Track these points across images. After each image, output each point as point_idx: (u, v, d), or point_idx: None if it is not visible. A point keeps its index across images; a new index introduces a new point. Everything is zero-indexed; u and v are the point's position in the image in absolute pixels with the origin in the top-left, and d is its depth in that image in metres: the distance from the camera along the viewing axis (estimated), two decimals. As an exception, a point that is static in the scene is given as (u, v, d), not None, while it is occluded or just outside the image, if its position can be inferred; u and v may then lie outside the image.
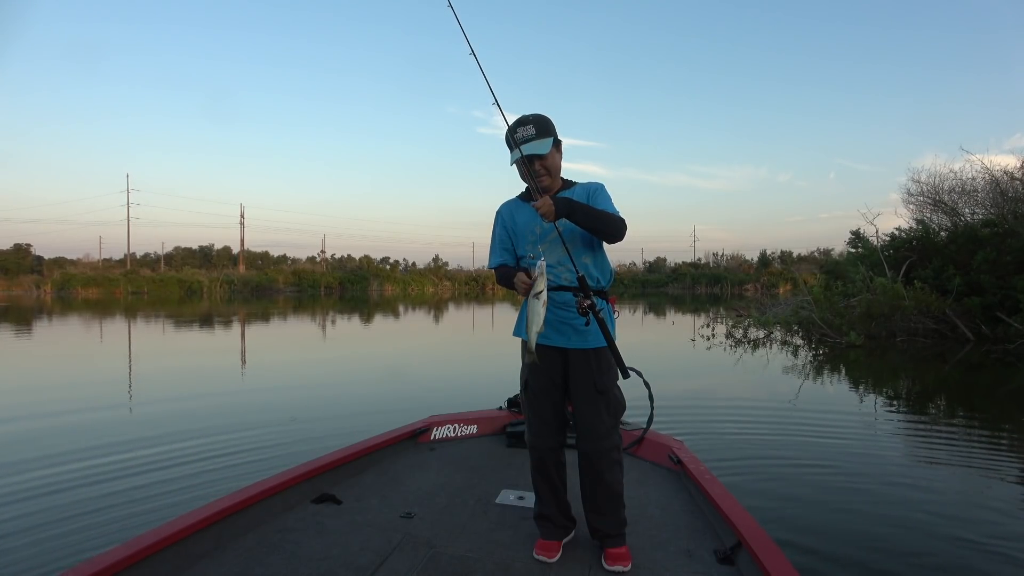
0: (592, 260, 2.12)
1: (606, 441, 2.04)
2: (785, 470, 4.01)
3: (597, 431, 2.04)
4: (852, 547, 2.85)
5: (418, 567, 2.01)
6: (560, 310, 2.08)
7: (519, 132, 2.06)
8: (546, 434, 2.10)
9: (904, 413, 6.20)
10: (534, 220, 2.13)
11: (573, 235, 2.09)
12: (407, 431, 3.38)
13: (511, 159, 2.11)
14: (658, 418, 3.38)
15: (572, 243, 2.08)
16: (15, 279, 43.89)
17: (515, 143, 2.06)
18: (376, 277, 52.96)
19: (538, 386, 2.10)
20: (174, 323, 17.56)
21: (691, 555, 2.14)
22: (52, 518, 3.03)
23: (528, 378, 2.12)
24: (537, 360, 2.00)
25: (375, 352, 11.76)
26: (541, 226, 2.11)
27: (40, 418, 5.27)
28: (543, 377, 2.09)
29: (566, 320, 2.07)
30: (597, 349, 2.06)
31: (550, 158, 2.09)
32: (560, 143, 2.14)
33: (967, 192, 16.35)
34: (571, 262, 2.03)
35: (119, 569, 1.70)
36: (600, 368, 2.06)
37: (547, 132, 2.07)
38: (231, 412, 5.58)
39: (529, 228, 2.15)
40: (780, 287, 45.80)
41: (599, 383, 2.05)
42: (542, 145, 2.05)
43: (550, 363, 2.08)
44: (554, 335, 2.07)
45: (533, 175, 2.08)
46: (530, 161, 2.07)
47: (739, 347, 11.73)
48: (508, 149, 2.12)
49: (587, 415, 2.04)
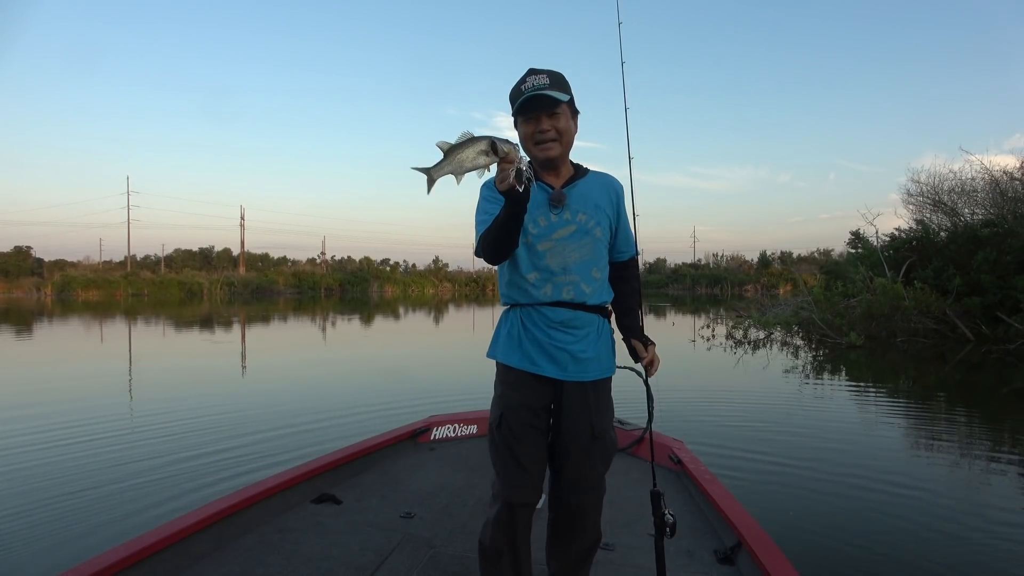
0: (603, 273, 1.72)
1: (595, 492, 1.70)
2: (785, 470, 4.01)
3: (588, 481, 1.67)
4: (852, 547, 2.85)
5: (418, 567, 2.01)
6: (557, 332, 1.63)
7: (529, 81, 1.60)
8: (525, 486, 1.63)
9: (904, 414, 6.19)
10: (540, 205, 1.64)
11: (593, 240, 1.67)
12: (407, 431, 3.39)
13: (512, 112, 1.65)
14: (658, 418, 3.38)
15: (590, 248, 1.66)
16: (15, 281, 43.89)
17: (523, 93, 1.60)
18: (376, 278, 53.00)
19: (519, 422, 1.62)
20: (174, 325, 17.56)
21: (691, 555, 2.13)
22: (52, 518, 3.03)
23: (504, 412, 1.63)
24: (433, 176, 1.47)
25: (375, 353, 11.76)
26: (548, 217, 1.64)
27: (40, 419, 5.27)
28: (525, 412, 1.63)
29: (563, 345, 1.62)
30: (596, 382, 1.67)
31: (563, 118, 1.62)
32: (578, 111, 1.71)
33: (967, 192, 16.37)
34: (581, 272, 1.65)
35: (119, 569, 1.70)
36: (599, 407, 1.67)
37: (564, 89, 1.62)
38: (231, 412, 5.58)
39: (532, 211, 1.60)
40: (780, 288, 45.79)
41: (597, 426, 1.65)
42: (558, 93, 1.59)
43: (536, 395, 1.64)
44: (545, 363, 1.62)
45: (538, 139, 1.62)
46: (535, 117, 1.61)
47: (739, 348, 11.73)
48: (511, 109, 1.66)
49: (578, 464, 1.65)
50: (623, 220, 1.76)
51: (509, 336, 1.68)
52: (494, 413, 1.68)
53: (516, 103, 1.61)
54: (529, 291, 1.64)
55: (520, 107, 1.60)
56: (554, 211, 1.64)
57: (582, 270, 1.65)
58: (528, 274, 1.64)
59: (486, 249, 1.58)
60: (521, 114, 1.63)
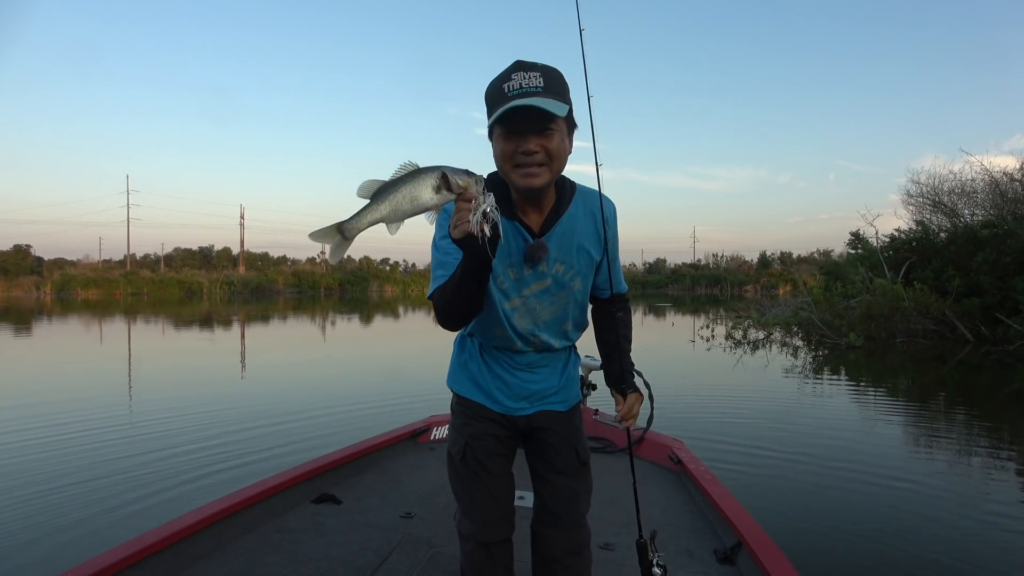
0: (577, 323, 1.49)
1: (583, 530, 1.50)
2: (785, 470, 4.01)
3: (572, 516, 1.47)
4: (852, 547, 2.86)
5: (418, 567, 2.01)
6: (524, 373, 1.44)
7: (515, 79, 1.19)
8: (497, 521, 1.45)
9: (904, 414, 6.20)
10: (511, 251, 1.32)
11: (570, 294, 1.41)
12: (407, 431, 3.39)
13: (489, 122, 1.23)
14: (658, 418, 3.39)
15: (563, 304, 1.42)
16: (15, 280, 43.93)
17: (506, 96, 1.19)
18: (376, 278, 53.06)
19: (485, 452, 1.43)
20: (174, 324, 17.55)
21: (691, 555, 2.14)
22: (52, 518, 3.03)
23: (468, 442, 1.43)
24: (348, 232, 1.11)
25: (375, 353, 11.76)
26: (521, 270, 1.34)
27: (40, 418, 5.26)
28: (491, 441, 1.44)
29: (529, 383, 1.44)
30: (572, 408, 1.52)
31: (557, 137, 1.22)
32: (575, 125, 1.32)
33: (966, 193, 16.38)
34: (550, 331, 1.43)
35: (119, 569, 1.70)
36: (581, 431, 1.51)
37: (562, 94, 1.23)
38: (231, 412, 5.57)
39: (502, 260, 1.31)
40: (780, 288, 45.79)
41: (583, 451, 1.48)
42: (554, 104, 1.18)
43: (502, 425, 1.45)
44: (512, 401, 1.44)
45: (520, 161, 1.22)
46: (521, 132, 1.20)
47: (739, 348, 11.73)
48: (487, 112, 1.26)
49: (564, 495, 1.46)
50: (612, 253, 1.46)
51: (467, 370, 1.47)
52: (456, 443, 1.46)
53: (497, 110, 1.19)
54: (491, 340, 1.43)
55: (502, 117, 1.19)
56: (529, 265, 1.33)
57: (550, 328, 1.43)
58: (489, 329, 1.40)
59: (442, 312, 1.27)
60: (501, 125, 1.22)
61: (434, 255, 1.32)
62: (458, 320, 1.28)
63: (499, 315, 1.35)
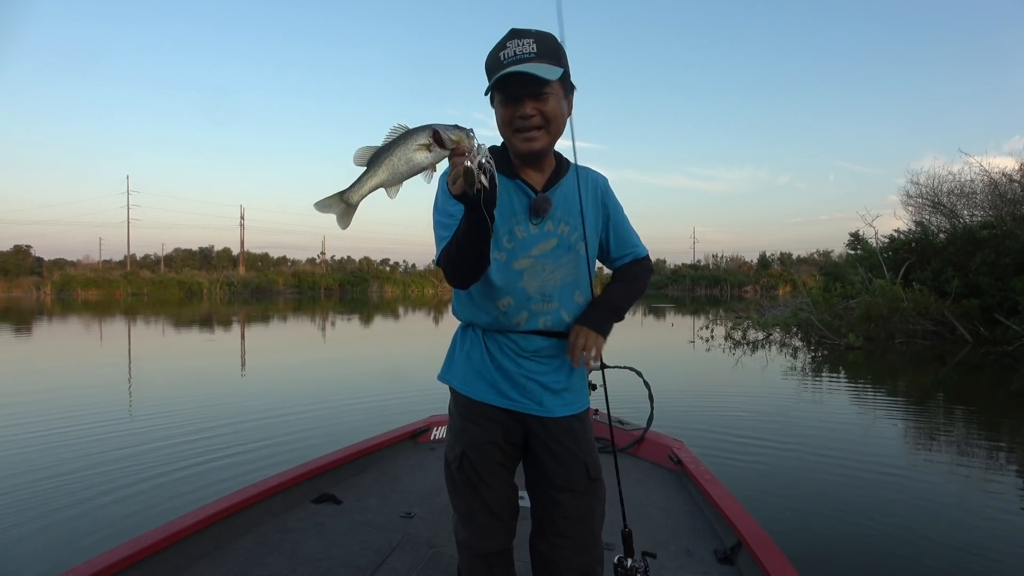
0: (586, 297, 1.42)
1: (597, 550, 1.44)
2: (785, 470, 4.01)
3: (584, 538, 1.40)
4: (852, 547, 2.86)
5: (418, 567, 2.01)
6: (529, 362, 1.37)
7: (510, 47, 1.23)
8: (496, 531, 1.40)
9: (903, 415, 6.20)
10: (516, 211, 1.34)
11: (576, 257, 1.38)
12: (407, 431, 3.39)
13: (486, 90, 1.30)
14: (658, 418, 3.39)
15: (572, 267, 1.39)
16: (15, 280, 43.90)
17: (501, 64, 1.24)
18: (376, 279, 53.07)
19: (484, 462, 1.37)
20: (174, 325, 17.55)
21: (691, 555, 2.14)
22: (52, 518, 3.03)
23: (466, 450, 1.37)
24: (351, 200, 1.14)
25: (375, 353, 11.75)
26: (527, 227, 1.34)
27: (40, 418, 5.26)
28: (491, 449, 1.37)
29: (535, 376, 1.37)
30: (580, 414, 1.42)
31: (553, 99, 1.27)
32: (573, 87, 1.35)
33: (966, 194, 16.40)
34: (562, 298, 1.38)
35: (119, 569, 1.70)
36: (590, 443, 1.43)
37: (556, 58, 1.26)
38: (231, 412, 5.57)
39: (507, 220, 1.33)
40: (780, 289, 45.80)
41: (593, 466, 1.41)
42: (547, 69, 1.22)
43: (504, 430, 1.38)
44: (518, 395, 1.36)
45: (519, 125, 1.27)
46: (517, 97, 1.25)
47: (738, 348, 11.73)
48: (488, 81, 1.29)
49: (575, 513, 1.39)
50: (615, 219, 1.47)
51: (469, 361, 1.40)
52: (453, 450, 1.40)
53: (493, 77, 1.24)
54: (498, 318, 1.36)
55: (498, 83, 1.24)
56: (534, 220, 1.33)
57: (563, 295, 1.37)
58: (500, 299, 1.34)
59: (450, 271, 1.25)
60: (499, 91, 1.27)
61: (436, 219, 1.33)
62: (468, 276, 1.25)
63: (511, 275, 1.34)
